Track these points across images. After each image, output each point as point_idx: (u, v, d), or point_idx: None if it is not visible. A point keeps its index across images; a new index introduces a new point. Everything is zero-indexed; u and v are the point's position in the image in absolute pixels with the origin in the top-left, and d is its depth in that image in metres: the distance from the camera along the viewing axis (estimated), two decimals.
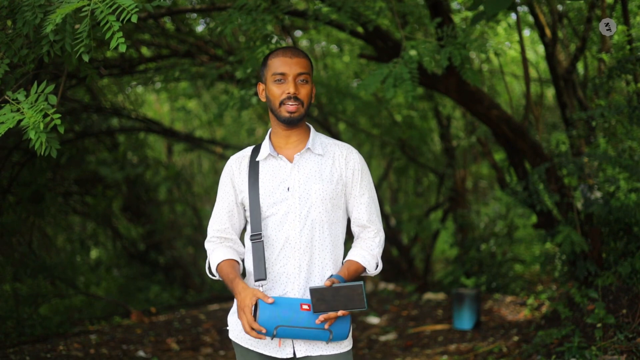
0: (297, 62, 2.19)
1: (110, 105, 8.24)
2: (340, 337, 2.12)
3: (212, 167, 12.60)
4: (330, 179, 2.23)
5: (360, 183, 2.28)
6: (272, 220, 2.20)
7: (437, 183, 9.82)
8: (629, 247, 4.57)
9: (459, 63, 3.78)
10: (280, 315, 2.05)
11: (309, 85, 2.21)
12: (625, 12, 5.06)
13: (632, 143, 5.05)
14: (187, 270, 10.24)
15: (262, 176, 2.23)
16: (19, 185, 6.57)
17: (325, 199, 2.21)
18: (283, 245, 2.19)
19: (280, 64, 2.19)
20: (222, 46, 6.80)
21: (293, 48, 2.26)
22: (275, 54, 2.24)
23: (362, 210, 2.28)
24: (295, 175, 2.21)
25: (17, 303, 6.04)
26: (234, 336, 2.28)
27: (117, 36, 2.23)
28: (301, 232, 2.18)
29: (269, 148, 2.25)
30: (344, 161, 2.27)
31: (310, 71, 2.24)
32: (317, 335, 2.08)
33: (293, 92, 2.17)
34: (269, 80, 2.23)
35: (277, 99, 2.20)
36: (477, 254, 7.72)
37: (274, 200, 2.20)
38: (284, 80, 2.19)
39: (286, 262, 2.19)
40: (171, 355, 5.62)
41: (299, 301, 2.09)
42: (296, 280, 2.18)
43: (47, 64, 3.10)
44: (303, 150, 2.24)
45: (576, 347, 3.95)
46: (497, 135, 5.51)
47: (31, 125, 2.34)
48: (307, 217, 2.19)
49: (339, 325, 2.09)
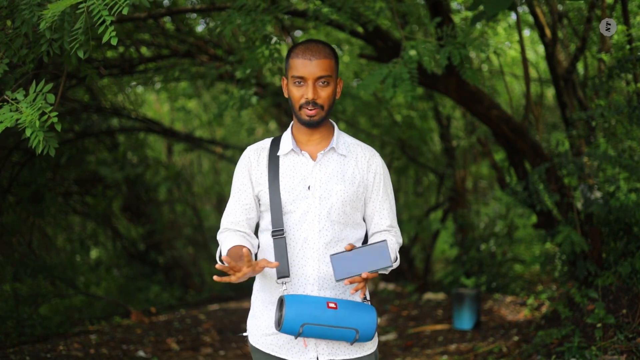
0: (317, 64, 2.08)
1: (110, 105, 8.24)
2: (366, 338, 2.05)
3: (212, 167, 12.60)
4: (352, 180, 2.17)
5: (383, 188, 2.23)
6: (291, 217, 2.13)
7: (437, 183, 9.82)
8: (629, 247, 4.57)
9: (458, 63, 3.78)
10: (307, 313, 1.98)
11: (330, 86, 2.11)
12: (625, 12, 5.06)
13: (632, 143, 5.04)
14: (187, 270, 10.25)
15: (283, 171, 2.16)
16: (19, 185, 6.57)
17: (346, 201, 2.15)
18: (302, 245, 2.13)
19: (299, 66, 2.09)
20: (222, 46, 6.80)
21: (314, 46, 2.11)
22: (296, 53, 2.12)
23: (385, 215, 2.23)
24: (317, 174, 2.15)
25: (17, 303, 6.04)
26: (254, 341, 2.20)
27: (109, 30, 2.22)
28: (320, 233, 2.12)
29: (291, 143, 2.18)
30: (366, 164, 2.21)
31: (333, 71, 2.12)
32: (343, 334, 2.02)
33: (312, 97, 2.08)
34: (289, 79, 2.13)
35: (297, 102, 2.11)
36: (477, 254, 7.71)
37: (294, 197, 2.13)
38: (304, 84, 2.10)
39: (305, 262, 2.13)
40: (171, 355, 5.62)
41: (325, 300, 2.03)
42: (315, 281, 2.12)
43: (47, 64, 3.10)
44: (327, 149, 2.17)
45: (576, 347, 3.95)
46: (497, 135, 5.51)
47: (27, 123, 2.34)
48: (327, 218, 2.13)
49: (365, 324, 2.03)
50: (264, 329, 2.16)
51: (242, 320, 7.28)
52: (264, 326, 2.17)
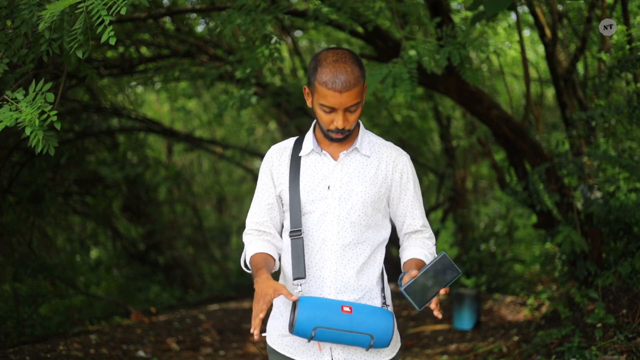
0: (347, 95, 1.97)
1: (110, 105, 8.24)
2: (381, 344, 1.96)
3: (212, 167, 12.60)
4: (373, 181, 2.11)
5: (413, 187, 2.17)
6: (310, 218, 2.09)
7: (437, 183, 9.82)
8: (629, 247, 4.57)
9: (458, 63, 3.78)
10: (320, 316, 1.92)
11: (359, 108, 2.04)
12: (625, 12, 5.06)
13: (632, 143, 5.05)
14: (187, 270, 10.25)
15: (303, 171, 2.12)
16: (19, 185, 6.57)
17: (367, 202, 2.09)
18: (320, 246, 2.08)
19: (329, 97, 1.98)
20: (222, 46, 6.80)
21: (343, 73, 1.97)
22: (323, 80, 1.98)
23: (417, 215, 2.18)
24: (337, 174, 2.10)
25: (17, 303, 6.04)
26: (271, 342, 2.17)
27: (108, 30, 2.22)
28: (339, 235, 2.08)
29: (312, 143, 2.13)
30: (392, 164, 2.14)
31: (362, 92, 2.03)
32: (357, 340, 1.95)
33: (342, 126, 2.02)
34: (315, 102, 2.04)
35: (325, 125, 2.05)
36: (477, 254, 7.71)
37: (313, 198, 2.09)
38: (333, 111, 2.01)
39: (323, 265, 2.08)
40: (171, 355, 5.62)
41: (339, 303, 1.96)
42: (333, 284, 2.07)
43: (47, 64, 3.11)
44: (350, 149, 2.12)
45: (576, 347, 3.95)
46: (497, 135, 5.51)
47: (27, 122, 2.34)
48: (347, 219, 2.08)
49: (380, 329, 1.95)
50: (281, 329, 2.14)
51: (242, 320, 7.28)
52: (280, 327, 2.14)
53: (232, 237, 12.65)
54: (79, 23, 2.36)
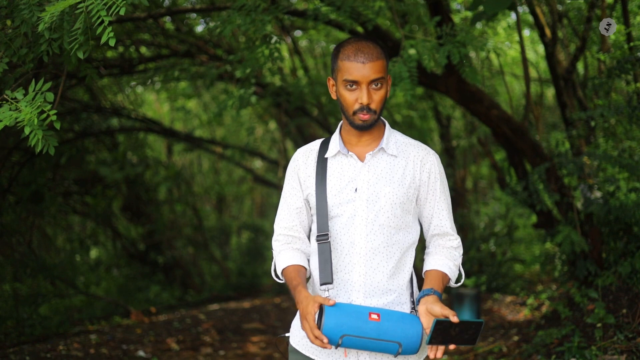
0: (370, 67, 1.97)
1: (110, 105, 8.24)
2: (410, 351, 1.91)
3: (212, 167, 12.60)
4: (401, 181, 2.06)
5: (440, 187, 2.11)
6: (338, 221, 2.05)
7: None
8: (629, 247, 4.56)
9: (457, 61, 3.78)
10: (347, 324, 1.86)
11: (384, 88, 2.01)
12: (625, 12, 5.07)
13: (631, 143, 5.04)
14: (187, 270, 10.25)
15: (330, 173, 2.08)
16: (19, 185, 6.57)
17: (395, 203, 2.04)
18: (349, 250, 2.04)
19: (352, 69, 1.98)
20: (221, 46, 6.80)
21: (365, 46, 2.00)
22: (346, 55, 2.00)
23: (444, 216, 2.13)
24: (364, 176, 2.06)
25: (17, 303, 6.04)
26: (295, 342, 2.12)
27: (108, 30, 2.22)
28: (367, 237, 2.03)
29: (339, 145, 2.09)
30: (419, 163, 2.09)
31: (386, 70, 2.02)
32: (385, 347, 1.89)
33: (367, 102, 1.99)
34: (339, 82, 2.02)
35: (350, 107, 2.01)
36: (477, 254, 7.71)
37: (340, 201, 2.05)
38: (357, 87, 1.99)
39: (351, 268, 2.04)
40: (171, 355, 5.62)
41: (367, 310, 1.91)
42: (361, 288, 2.03)
43: (47, 64, 3.10)
44: (376, 149, 2.07)
45: (576, 347, 3.95)
46: (497, 135, 5.51)
47: (26, 121, 2.34)
48: (375, 222, 2.03)
49: (408, 337, 1.90)
50: None
51: (242, 320, 7.28)
52: None
53: (232, 237, 12.66)
54: (79, 23, 2.36)
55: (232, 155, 11.56)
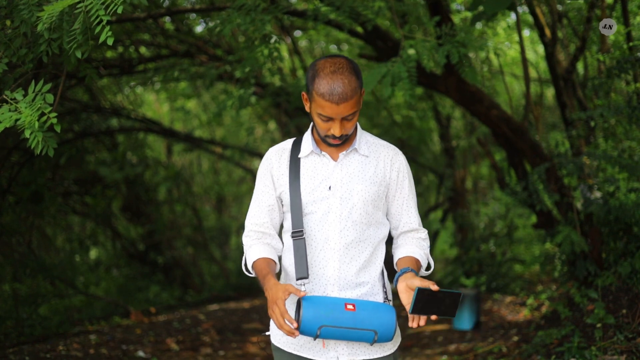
0: (344, 106, 2.01)
1: (109, 105, 8.24)
2: (385, 338, 2.02)
3: (211, 167, 12.60)
4: (373, 180, 2.16)
5: (408, 185, 2.22)
6: (312, 218, 2.13)
7: (436, 183, 9.83)
8: (629, 247, 4.56)
9: (456, 61, 3.77)
10: (324, 315, 1.97)
11: (356, 116, 2.07)
12: (625, 12, 5.07)
13: (631, 143, 5.04)
14: (186, 270, 10.25)
15: (304, 172, 2.15)
16: (19, 185, 6.57)
17: (367, 200, 2.14)
18: (323, 245, 2.13)
19: (326, 108, 2.01)
20: (221, 46, 6.80)
21: (340, 84, 2.00)
22: (320, 92, 2.00)
23: (412, 213, 2.23)
24: (337, 175, 2.14)
25: (16, 303, 6.04)
26: (276, 340, 2.20)
27: (106, 30, 2.22)
28: (341, 233, 2.12)
29: (311, 144, 2.17)
30: (389, 162, 2.19)
31: (359, 101, 2.06)
32: (361, 336, 2.00)
33: (339, 134, 2.05)
34: (313, 109, 2.07)
35: (323, 131, 2.08)
36: (477, 254, 7.71)
37: (315, 198, 2.13)
38: (330, 120, 2.05)
39: (326, 263, 2.13)
40: (171, 355, 5.62)
41: (343, 301, 2.01)
42: (336, 282, 2.12)
43: (47, 64, 3.10)
44: (349, 149, 2.16)
45: (576, 347, 3.94)
46: (497, 135, 5.51)
47: (26, 124, 2.33)
48: (348, 218, 2.12)
49: (383, 325, 2.01)
50: None
51: (242, 320, 7.28)
52: None
53: (231, 237, 12.66)
54: (78, 23, 2.36)
55: (232, 155, 11.56)
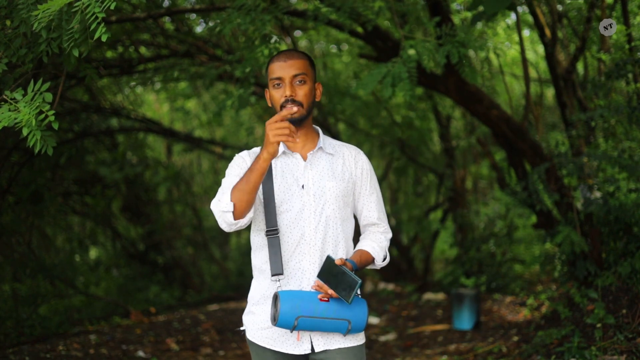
0: (291, 64, 2.22)
1: (109, 105, 8.23)
2: (358, 329, 2.16)
3: (211, 167, 12.59)
4: (342, 177, 2.29)
5: (370, 182, 2.36)
6: (287, 216, 2.22)
7: (436, 183, 9.82)
8: (629, 247, 4.56)
9: (456, 61, 3.77)
10: (301, 306, 2.09)
11: (307, 85, 2.24)
12: (625, 12, 5.06)
13: (631, 143, 5.04)
14: (186, 270, 10.24)
15: (276, 172, 2.25)
16: (19, 185, 6.57)
17: (339, 196, 2.27)
18: (299, 241, 2.22)
19: (276, 69, 2.23)
20: (221, 46, 6.79)
21: (289, 50, 2.29)
22: (272, 59, 2.28)
23: (373, 208, 2.37)
24: (309, 173, 2.26)
25: (16, 303, 6.04)
26: (250, 336, 2.29)
27: (101, 27, 2.24)
28: (316, 229, 2.23)
29: (282, 145, 2.27)
30: (353, 161, 2.34)
31: (309, 70, 2.25)
32: (336, 326, 2.13)
33: (290, 94, 2.20)
34: (270, 85, 2.26)
35: (277, 102, 2.23)
36: (477, 254, 7.71)
37: (289, 197, 2.23)
38: (282, 84, 2.22)
39: (302, 258, 2.22)
40: (171, 355, 5.62)
41: (316, 293, 2.13)
42: (311, 275, 2.21)
43: (46, 64, 3.10)
44: (315, 149, 2.29)
45: (576, 347, 3.94)
46: (496, 135, 5.51)
47: (24, 122, 2.34)
48: (322, 214, 2.24)
49: (356, 315, 2.14)
50: (260, 323, 2.25)
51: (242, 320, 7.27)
52: (259, 320, 2.26)
53: (231, 237, 12.65)
54: (75, 22, 2.36)
55: (232, 155, 11.50)
